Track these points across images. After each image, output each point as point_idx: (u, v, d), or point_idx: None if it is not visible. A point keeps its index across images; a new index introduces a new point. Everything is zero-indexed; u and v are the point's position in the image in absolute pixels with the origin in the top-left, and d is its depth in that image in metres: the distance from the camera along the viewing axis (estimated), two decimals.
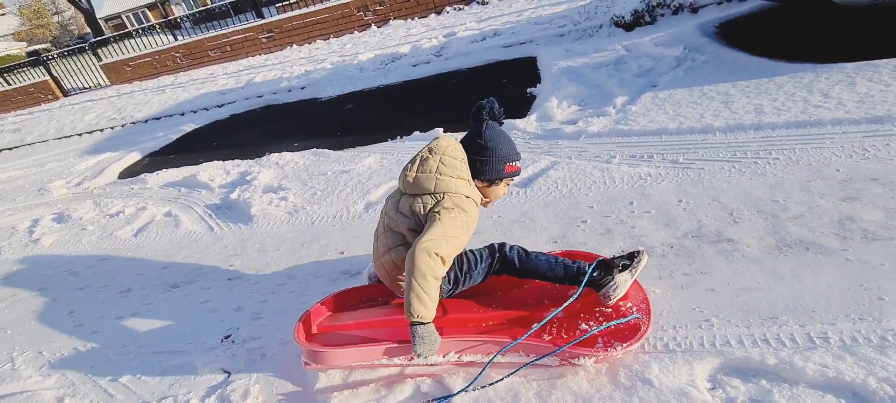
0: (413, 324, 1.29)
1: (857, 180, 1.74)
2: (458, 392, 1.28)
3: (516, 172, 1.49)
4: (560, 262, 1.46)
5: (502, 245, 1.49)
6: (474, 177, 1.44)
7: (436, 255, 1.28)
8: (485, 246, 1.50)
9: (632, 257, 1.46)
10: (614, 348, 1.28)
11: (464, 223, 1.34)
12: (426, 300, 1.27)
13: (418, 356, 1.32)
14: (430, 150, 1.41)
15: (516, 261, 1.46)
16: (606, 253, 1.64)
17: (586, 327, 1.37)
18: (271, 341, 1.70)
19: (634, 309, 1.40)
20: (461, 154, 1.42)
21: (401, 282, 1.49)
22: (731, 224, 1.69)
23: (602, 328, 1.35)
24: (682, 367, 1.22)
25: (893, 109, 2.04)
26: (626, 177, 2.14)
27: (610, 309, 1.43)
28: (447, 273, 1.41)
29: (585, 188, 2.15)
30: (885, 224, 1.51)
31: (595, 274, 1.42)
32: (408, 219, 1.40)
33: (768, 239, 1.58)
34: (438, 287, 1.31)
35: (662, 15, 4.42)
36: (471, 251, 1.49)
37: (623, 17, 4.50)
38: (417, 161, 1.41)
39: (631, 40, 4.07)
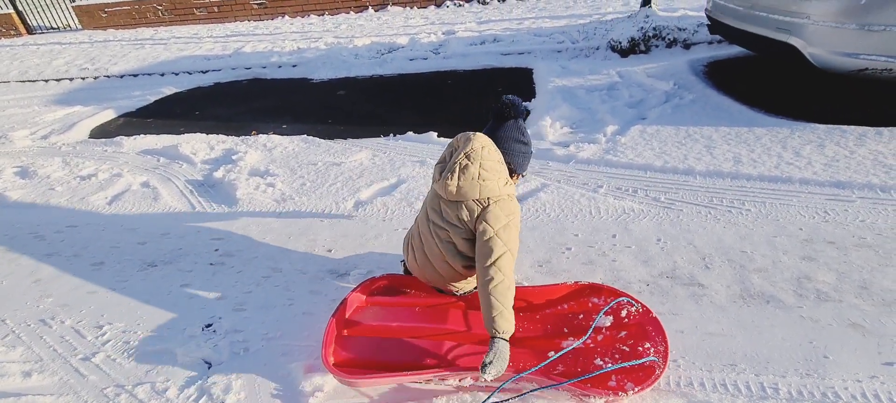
0: (498, 338, 1.32)
1: (817, 241, 1.90)
2: None
3: None
4: None
5: None
6: (513, 171, 1.53)
7: (510, 273, 1.36)
8: None
9: None
10: (626, 390, 1.28)
11: (515, 225, 1.42)
12: (510, 317, 1.33)
13: (487, 374, 1.25)
14: (468, 156, 1.40)
15: None
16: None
17: (601, 363, 1.38)
18: (255, 336, 1.71)
19: (652, 349, 1.39)
20: (498, 155, 1.45)
21: (454, 286, 1.62)
22: (703, 269, 1.82)
23: (616, 367, 1.34)
24: None
25: (854, 177, 2.22)
26: (610, 209, 2.25)
27: (628, 349, 1.42)
28: None
29: (572, 215, 2.25)
30: (836, 286, 1.67)
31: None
32: (458, 229, 1.45)
33: (735, 288, 1.71)
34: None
35: (657, 46, 4.57)
36: None
37: (620, 43, 4.63)
38: (457, 169, 1.40)
39: (625, 67, 4.20)
